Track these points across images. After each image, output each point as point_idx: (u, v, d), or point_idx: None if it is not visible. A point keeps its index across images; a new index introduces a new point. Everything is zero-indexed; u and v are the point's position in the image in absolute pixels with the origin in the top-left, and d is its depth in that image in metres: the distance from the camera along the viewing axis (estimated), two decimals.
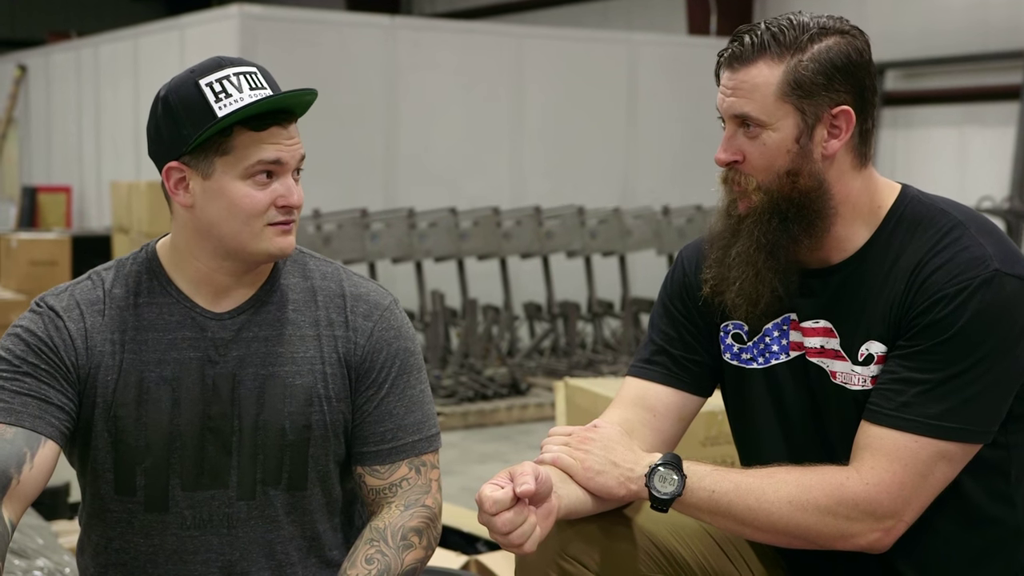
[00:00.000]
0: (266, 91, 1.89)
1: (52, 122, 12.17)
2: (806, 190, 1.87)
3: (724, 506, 1.83)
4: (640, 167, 9.70)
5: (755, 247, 1.89)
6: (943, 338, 1.80)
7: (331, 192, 8.10)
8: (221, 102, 1.86)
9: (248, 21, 8.15)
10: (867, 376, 1.88)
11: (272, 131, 1.89)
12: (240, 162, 1.88)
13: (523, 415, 7.06)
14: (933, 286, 1.82)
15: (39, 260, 8.73)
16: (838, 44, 1.86)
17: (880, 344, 1.87)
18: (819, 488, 1.81)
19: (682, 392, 2.06)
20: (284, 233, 1.92)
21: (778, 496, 1.82)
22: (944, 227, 1.87)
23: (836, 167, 1.88)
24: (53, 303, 1.96)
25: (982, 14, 9.64)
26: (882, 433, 1.82)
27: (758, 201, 1.88)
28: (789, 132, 1.86)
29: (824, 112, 1.85)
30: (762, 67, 1.85)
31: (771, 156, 1.86)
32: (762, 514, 1.82)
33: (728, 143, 1.90)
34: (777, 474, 1.85)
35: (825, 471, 1.84)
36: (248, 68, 1.91)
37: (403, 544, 1.95)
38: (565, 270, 8.65)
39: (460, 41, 9.11)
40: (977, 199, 9.03)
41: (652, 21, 12.38)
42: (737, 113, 1.87)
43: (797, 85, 1.84)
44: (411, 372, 2.03)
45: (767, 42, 1.85)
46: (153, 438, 1.93)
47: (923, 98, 10.07)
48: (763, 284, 1.90)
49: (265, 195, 1.90)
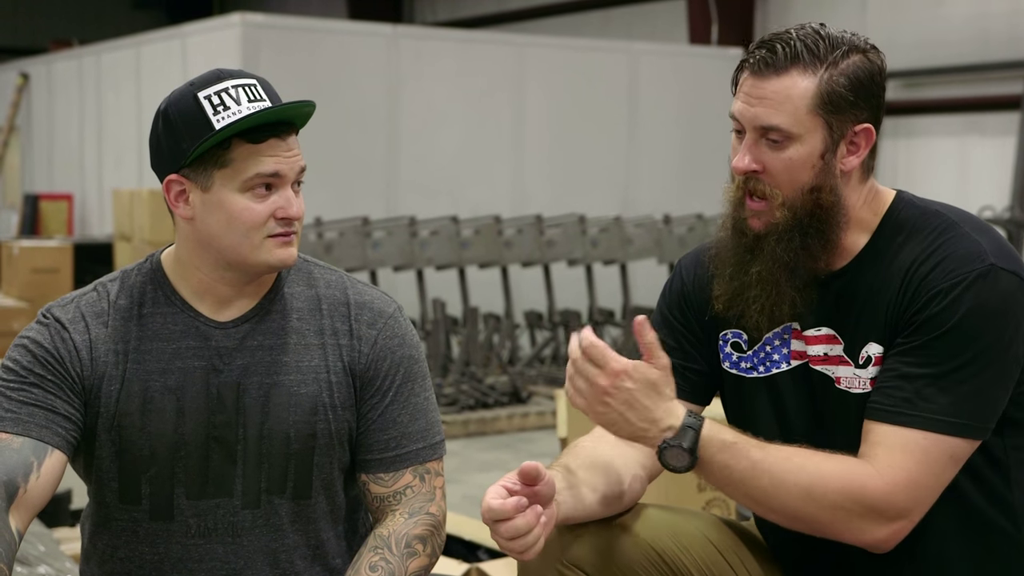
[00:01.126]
0: (265, 103, 1.89)
1: (54, 130, 12.19)
2: (827, 206, 1.86)
3: (736, 482, 1.82)
4: (641, 176, 9.71)
5: (778, 266, 1.88)
6: (941, 332, 1.80)
7: (333, 200, 8.11)
8: (219, 115, 1.87)
9: (250, 30, 8.16)
10: (867, 379, 1.88)
11: (270, 143, 1.89)
12: (238, 175, 1.89)
13: (524, 423, 7.06)
14: (929, 283, 1.82)
15: (41, 268, 8.74)
16: (863, 62, 1.85)
17: (878, 345, 1.87)
18: (837, 482, 1.79)
19: (680, 401, 2.06)
20: (284, 245, 1.93)
21: (795, 483, 1.80)
22: (938, 227, 1.87)
23: (849, 181, 1.89)
24: (59, 315, 1.97)
25: (982, 24, 9.65)
26: (891, 430, 1.81)
27: (781, 218, 1.86)
28: (816, 147, 1.84)
29: (848, 129, 1.85)
30: (796, 78, 1.82)
31: (796, 170, 1.84)
32: (775, 498, 1.81)
33: (748, 151, 1.86)
34: (795, 457, 1.82)
35: (844, 464, 1.81)
36: (248, 80, 1.91)
37: (407, 552, 1.96)
38: (566, 278, 8.66)
39: (461, 50, 9.13)
40: (978, 209, 9.03)
41: (653, 30, 12.40)
42: (765, 124, 1.84)
43: (829, 100, 1.82)
44: (415, 380, 2.04)
45: (800, 52, 1.83)
46: (157, 447, 1.94)
47: (924, 108, 10.08)
48: (783, 300, 1.90)
49: (264, 207, 1.90)
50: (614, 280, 8.78)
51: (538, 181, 9.24)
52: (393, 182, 8.70)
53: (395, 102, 8.65)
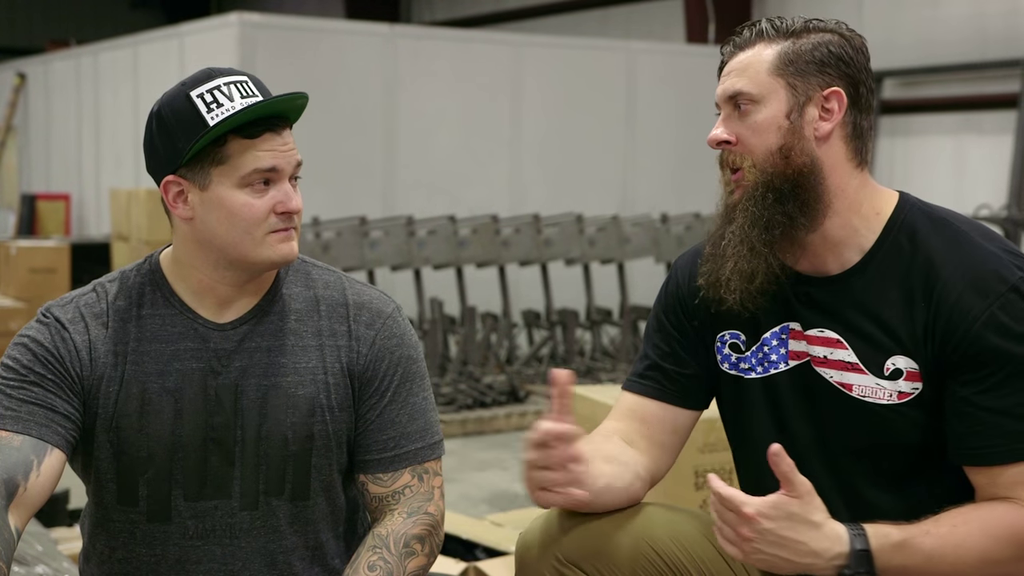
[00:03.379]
0: (258, 98, 1.89)
1: (51, 130, 12.19)
2: (799, 167, 1.88)
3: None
4: (638, 175, 9.71)
5: (750, 222, 1.89)
6: (1014, 366, 1.79)
7: (330, 200, 8.11)
8: (213, 112, 1.87)
9: (247, 29, 8.16)
10: (894, 391, 1.87)
11: (265, 138, 1.89)
12: (236, 171, 1.89)
13: (522, 422, 7.06)
14: (965, 307, 1.81)
15: (38, 268, 8.73)
16: (835, 39, 1.92)
17: (908, 359, 1.86)
18: (1008, 538, 1.79)
19: (676, 407, 2.06)
20: (286, 239, 1.93)
21: (971, 555, 1.78)
22: (952, 238, 1.87)
23: (830, 152, 1.89)
24: (59, 314, 1.97)
25: (980, 23, 9.66)
26: (1021, 469, 1.80)
27: (752, 178, 1.90)
28: (779, 107, 1.88)
29: (815, 92, 1.89)
30: (760, 48, 1.91)
31: (762, 132, 1.89)
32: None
33: (720, 123, 1.93)
34: (960, 527, 1.79)
35: (1008, 514, 1.80)
36: (239, 77, 1.92)
37: (406, 551, 1.96)
38: (564, 278, 8.66)
39: (459, 49, 9.13)
40: (975, 207, 9.05)
41: (650, 29, 12.40)
42: (731, 92, 1.91)
43: (789, 62, 1.89)
44: (414, 380, 2.04)
45: (765, 29, 1.92)
46: (155, 449, 1.94)
47: (921, 106, 10.08)
48: (758, 259, 1.89)
49: (263, 203, 1.90)
50: (612, 279, 8.79)
51: (535, 180, 9.25)
52: (390, 181, 8.70)
53: (392, 101, 8.65)
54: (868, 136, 1.93)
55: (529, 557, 1.96)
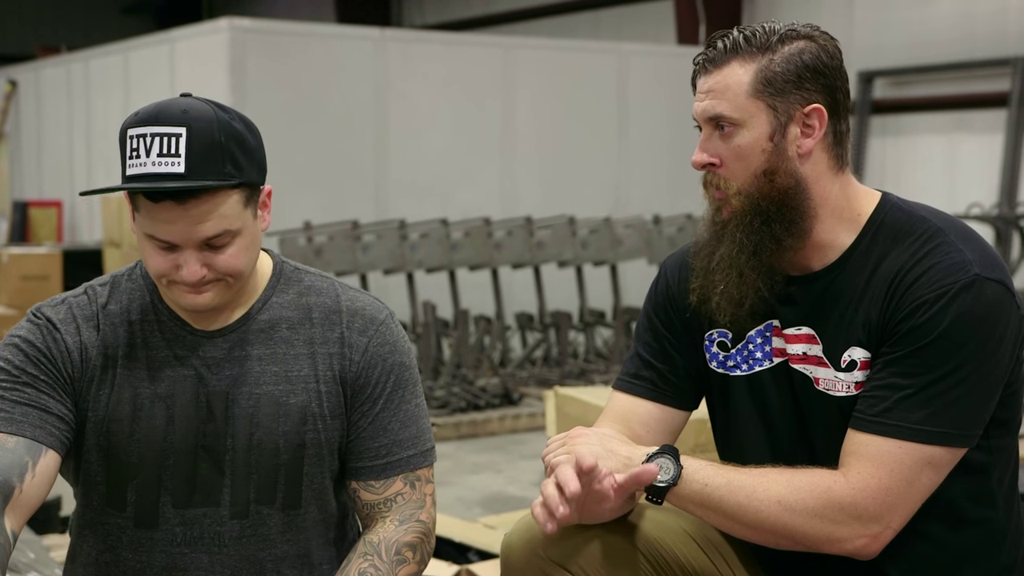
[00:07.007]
0: (176, 160, 1.78)
1: (43, 136, 12.17)
2: (784, 188, 1.89)
3: (715, 501, 1.85)
4: (631, 176, 9.72)
5: (738, 248, 1.91)
6: (924, 343, 1.81)
7: (322, 204, 8.11)
8: (129, 161, 1.82)
9: (238, 34, 8.16)
10: (851, 382, 1.89)
11: (166, 206, 1.80)
12: (141, 225, 1.87)
13: (515, 425, 7.07)
14: (915, 293, 1.83)
15: (30, 274, 8.72)
16: (808, 47, 1.91)
17: (862, 350, 1.89)
18: (807, 490, 1.83)
19: (667, 407, 2.09)
20: (192, 292, 1.87)
21: (768, 495, 1.83)
22: (924, 234, 1.89)
23: (813, 167, 1.91)
24: (50, 315, 1.96)
25: (969, 22, 9.68)
26: (867, 439, 1.83)
27: (738, 205, 1.91)
28: (762, 130, 1.89)
29: (796, 110, 1.89)
30: (735, 67, 1.90)
31: (746, 156, 1.89)
32: (751, 512, 1.84)
33: (703, 145, 1.93)
34: (769, 473, 1.86)
35: (815, 473, 1.85)
36: (174, 130, 1.79)
37: (397, 559, 1.96)
38: (556, 280, 8.66)
39: (450, 52, 9.13)
40: (966, 206, 9.06)
41: (642, 31, 12.41)
42: (711, 115, 1.91)
43: (768, 83, 1.88)
44: (406, 387, 2.04)
45: (739, 44, 1.91)
46: (146, 454, 1.94)
47: (911, 106, 10.10)
48: (747, 286, 1.92)
49: (164, 262, 1.86)
50: (604, 281, 8.79)
51: (528, 183, 9.25)
52: (382, 185, 8.70)
53: (384, 105, 8.65)
54: (847, 138, 1.95)
55: (514, 557, 1.97)
